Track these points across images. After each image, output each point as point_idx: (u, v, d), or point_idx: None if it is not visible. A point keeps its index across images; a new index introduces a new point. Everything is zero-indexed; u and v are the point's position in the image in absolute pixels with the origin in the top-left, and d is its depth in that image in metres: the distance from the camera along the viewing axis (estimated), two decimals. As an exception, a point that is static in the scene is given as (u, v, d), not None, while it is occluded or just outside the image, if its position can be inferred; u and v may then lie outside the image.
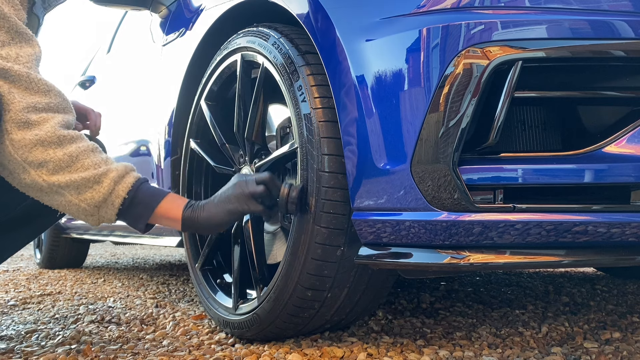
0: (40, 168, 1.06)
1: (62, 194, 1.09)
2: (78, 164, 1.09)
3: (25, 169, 1.07)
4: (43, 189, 1.09)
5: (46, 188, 1.09)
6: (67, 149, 1.08)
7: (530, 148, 0.99)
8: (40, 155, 1.06)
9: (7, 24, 1.09)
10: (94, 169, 1.09)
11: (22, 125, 1.05)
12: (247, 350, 1.23)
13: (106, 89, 2.80)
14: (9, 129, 1.05)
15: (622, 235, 0.92)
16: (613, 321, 1.49)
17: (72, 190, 1.09)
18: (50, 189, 1.09)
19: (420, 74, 0.96)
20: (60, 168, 1.07)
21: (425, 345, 1.25)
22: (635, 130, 0.91)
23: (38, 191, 1.10)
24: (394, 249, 1.04)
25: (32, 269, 3.62)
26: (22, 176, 1.08)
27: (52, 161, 1.07)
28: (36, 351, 1.32)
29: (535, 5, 0.96)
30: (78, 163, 1.09)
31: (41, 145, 1.06)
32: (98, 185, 1.10)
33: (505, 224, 0.93)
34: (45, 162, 1.06)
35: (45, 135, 1.06)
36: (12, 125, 1.05)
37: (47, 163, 1.06)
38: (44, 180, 1.07)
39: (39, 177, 1.07)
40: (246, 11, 1.45)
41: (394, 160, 0.99)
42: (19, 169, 1.07)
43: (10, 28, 1.09)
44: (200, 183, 1.64)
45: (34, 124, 1.06)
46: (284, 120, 1.39)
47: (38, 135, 1.05)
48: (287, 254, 1.16)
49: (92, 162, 1.10)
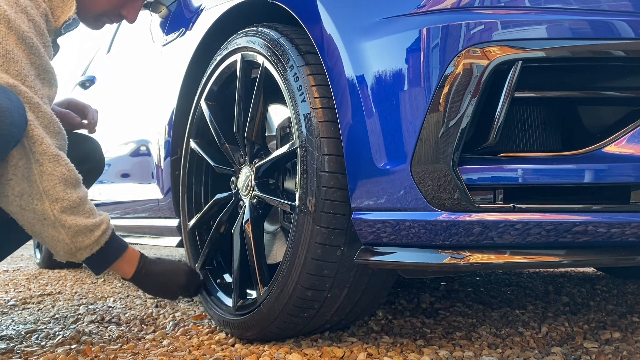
0: (55, 202, 1.17)
1: (59, 230, 1.20)
2: (83, 208, 1.21)
3: (41, 198, 1.16)
4: (46, 220, 1.18)
5: (49, 220, 1.18)
6: (79, 193, 1.20)
7: (530, 148, 0.99)
8: (61, 192, 1.17)
9: (39, 61, 1.19)
10: (92, 218, 1.23)
11: (53, 159, 1.16)
12: (247, 350, 1.23)
13: (106, 89, 2.80)
14: (41, 160, 1.15)
15: (622, 235, 0.92)
16: (613, 321, 1.49)
17: (69, 230, 1.20)
18: (52, 223, 1.19)
19: (420, 74, 0.96)
20: (71, 208, 1.19)
21: (425, 345, 1.25)
22: (635, 130, 0.91)
23: (39, 220, 1.19)
24: (393, 249, 1.04)
25: (32, 269, 3.62)
26: (34, 202, 1.16)
27: (67, 200, 1.18)
28: (36, 351, 1.32)
29: (535, 5, 0.96)
30: (84, 207, 1.22)
31: (64, 183, 1.17)
32: (91, 234, 1.23)
33: (505, 224, 0.93)
34: (62, 199, 1.17)
35: (69, 175, 1.18)
36: (45, 157, 1.15)
37: (63, 200, 1.18)
38: (54, 214, 1.17)
39: (51, 210, 1.17)
40: (246, 11, 1.45)
41: (394, 160, 0.99)
42: (36, 196, 1.16)
43: (40, 65, 1.19)
44: (200, 183, 1.64)
45: (60, 159, 1.17)
46: (284, 120, 1.39)
47: (64, 174, 1.17)
48: (287, 254, 1.16)
49: (90, 210, 1.23)
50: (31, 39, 1.16)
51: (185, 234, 1.63)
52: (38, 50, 1.18)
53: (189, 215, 1.62)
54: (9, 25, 1.13)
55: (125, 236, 2.49)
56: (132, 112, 2.27)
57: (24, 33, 1.15)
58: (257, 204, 1.35)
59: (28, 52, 1.16)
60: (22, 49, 1.15)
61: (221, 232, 1.49)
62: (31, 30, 1.17)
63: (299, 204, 1.14)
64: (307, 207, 1.11)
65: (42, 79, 1.20)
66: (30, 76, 1.16)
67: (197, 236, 1.59)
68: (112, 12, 1.43)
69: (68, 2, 1.30)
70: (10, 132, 1.09)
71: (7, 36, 1.13)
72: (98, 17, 1.43)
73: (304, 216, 1.12)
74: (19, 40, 1.14)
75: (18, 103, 1.12)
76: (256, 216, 1.35)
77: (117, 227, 2.49)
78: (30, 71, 1.17)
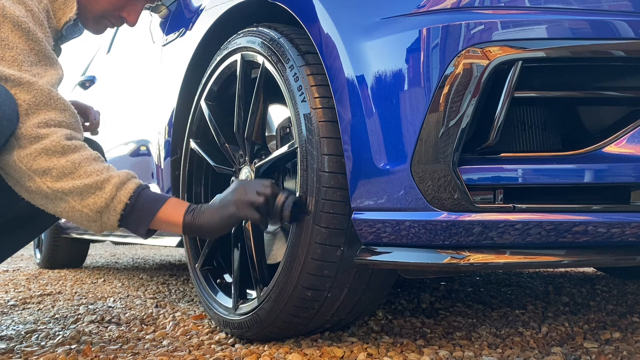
0: (44, 175, 1.11)
1: (66, 200, 1.13)
2: (81, 171, 1.12)
3: (30, 176, 1.11)
4: (48, 196, 1.13)
5: (51, 195, 1.12)
6: (70, 157, 1.12)
7: (530, 148, 0.99)
8: (45, 163, 1.10)
9: (37, 46, 1.17)
10: (96, 175, 1.13)
11: (32, 139, 1.11)
12: (247, 350, 1.23)
13: (106, 89, 2.80)
14: (21, 143, 1.10)
15: (622, 235, 0.92)
16: (613, 321, 1.49)
17: (75, 196, 1.12)
18: (54, 196, 1.12)
19: (420, 74, 0.96)
20: (64, 175, 1.11)
21: (425, 345, 1.25)
22: (635, 130, 0.91)
23: (43, 198, 1.14)
24: (393, 249, 1.04)
25: (32, 269, 3.62)
26: (27, 184, 1.12)
27: (55, 168, 1.11)
28: (36, 351, 1.32)
29: (535, 5, 0.96)
30: (81, 170, 1.12)
31: (45, 154, 1.10)
32: (100, 191, 1.13)
33: (505, 224, 0.93)
34: (49, 169, 1.10)
35: (50, 144, 1.11)
36: (24, 140, 1.10)
37: (50, 170, 1.10)
38: (48, 187, 1.11)
39: (44, 184, 1.11)
40: (246, 11, 1.45)
41: (394, 160, 0.99)
42: (25, 177, 1.11)
43: (39, 51, 1.17)
44: (200, 183, 1.64)
45: (42, 136, 1.11)
46: (284, 120, 1.39)
47: (43, 144, 1.10)
48: (287, 254, 1.16)
49: (94, 169, 1.13)
50: (27, 24, 1.15)
51: (185, 234, 1.63)
52: (35, 36, 1.16)
53: (189, 215, 1.62)
54: (3, 13, 1.13)
55: (125, 236, 2.49)
56: (132, 112, 2.27)
57: (18, 18, 1.13)
58: (257, 204, 1.35)
59: (25, 38, 1.15)
60: (18, 35, 1.14)
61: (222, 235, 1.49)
62: (28, 18, 1.16)
63: (299, 204, 1.14)
64: (307, 207, 1.11)
65: (43, 64, 1.18)
66: (27, 62, 1.14)
67: (197, 236, 1.59)
68: (112, 14, 1.42)
69: (69, 3, 1.30)
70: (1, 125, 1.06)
71: (2, 24, 1.12)
72: (98, 20, 1.42)
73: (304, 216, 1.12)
74: (15, 27, 1.13)
75: (7, 96, 1.09)
76: (256, 216, 1.35)
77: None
78: (28, 57, 1.15)
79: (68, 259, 3.61)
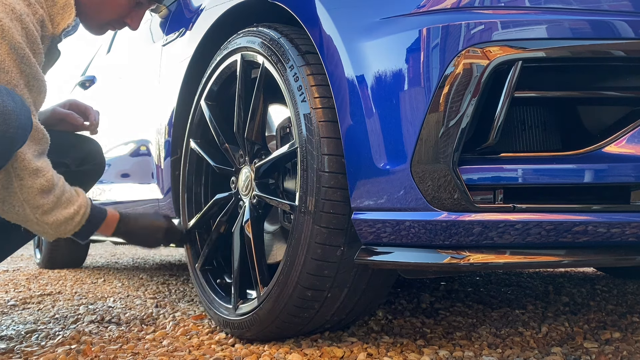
0: (36, 209, 1.24)
1: (44, 227, 1.28)
2: (61, 202, 1.27)
3: (22, 205, 1.23)
4: (29, 221, 1.26)
5: (33, 222, 1.26)
6: (56, 193, 1.26)
7: (530, 148, 0.99)
8: (40, 201, 1.24)
9: (29, 70, 1.20)
10: (71, 206, 1.29)
11: (33, 173, 1.21)
12: (247, 350, 1.23)
13: (106, 89, 2.80)
14: (22, 175, 1.21)
15: (622, 235, 0.92)
16: (613, 321, 1.49)
17: (53, 226, 1.28)
18: (36, 223, 1.26)
19: (420, 74, 0.96)
20: (50, 210, 1.26)
21: (425, 345, 1.25)
22: (635, 130, 0.91)
23: (23, 220, 1.27)
24: (393, 249, 1.04)
25: (32, 269, 3.62)
26: (16, 209, 1.23)
27: (46, 204, 1.24)
28: (36, 351, 1.32)
29: (535, 5, 0.96)
30: (61, 201, 1.27)
31: (42, 192, 1.23)
32: (72, 221, 1.30)
33: (505, 224, 0.93)
34: (41, 205, 1.24)
35: (47, 184, 1.23)
36: (25, 172, 1.21)
37: (42, 206, 1.24)
38: (37, 218, 1.25)
39: (33, 215, 1.24)
40: (246, 11, 1.45)
41: (394, 160, 0.99)
42: (17, 204, 1.23)
43: (30, 74, 1.22)
44: (200, 183, 1.64)
45: (39, 172, 1.23)
46: (284, 120, 1.39)
47: (42, 186, 1.23)
48: (287, 254, 1.16)
49: (67, 198, 1.29)
50: (23, 49, 1.17)
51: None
52: (29, 60, 1.19)
53: (189, 215, 1.62)
54: (2, 34, 1.14)
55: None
56: (132, 112, 2.27)
57: (16, 43, 1.16)
58: (257, 204, 1.35)
59: (19, 62, 1.17)
60: (12, 58, 1.16)
61: (221, 232, 1.49)
62: (23, 40, 1.18)
63: (299, 204, 1.14)
64: (307, 207, 1.11)
65: (30, 86, 1.21)
66: (20, 85, 1.18)
67: (197, 236, 1.59)
68: (116, 21, 1.47)
69: (68, 10, 1.31)
70: (17, 134, 1.11)
71: (0, 45, 1.14)
72: (102, 26, 1.48)
73: (303, 216, 1.12)
74: (11, 50, 1.15)
75: (23, 105, 1.13)
76: (256, 216, 1.35)
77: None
78: (20, 80, 1.18)
79: (68, 259, 3.61)
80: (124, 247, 6.51)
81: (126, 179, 2.32)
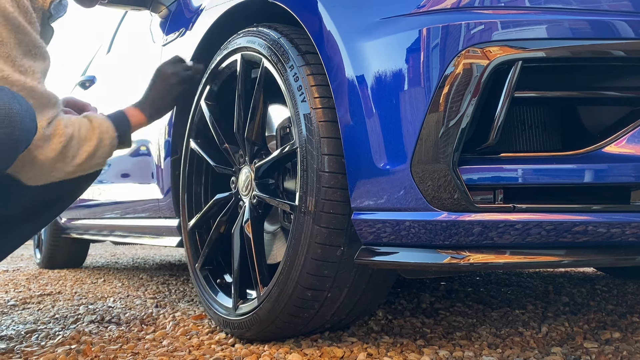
0: (66, 166, 1.31)
1: (90, 164, 1.36)
2: (82, 143, 1.33)
3: (52, 166, 1.29)
4: (73, 173, 1.34)
5: (74, 169, 1.33)
6: (73, 143, 1.30)
7: (530, 148, 0.99)
8: (60, 155, 1.29)
9: (26, 38, 1.20)
10: (91, 136, 1.35)
11: (46, 140, 1.25)
12: (247, 350, 1.23)
13: (106, 88, 2.80)
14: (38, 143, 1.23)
15: (622, 235, 0.92)
16: (613, 321, 1.49)
17: (90, 156, 1.35)
18: (73, 172, 1.33)
19: (420, 74, 0.96)
20: (75, 155, 1.32)
21: (425, 345, 1.25)
22: (635, 130, 0.91)
23: (68, 175, 1.34)
24: (393, 249, 1.04)
25: (32, 269, 3.62)
26: (53, 174, 1.30)
27: (78, 159, 1.32)
28: (36, 351, 1.32)
29: (535, 5, 0.96)
30: (82, 143, 1.33)
31: (60, 151, 1.28)
32: (102, 145, 1.37)
33: (505, 224, 0.93)
34: (69, 164, 1.31)
35: (59, 143, 1.28)
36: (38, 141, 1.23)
37: (65, 158, 1.30)
38: (65, 172, 1.31)
39: (66, 167, 1.31)
40: (246, 11, 1.45)
41: (394, 160, 0.99)
42: (50, 171, 1.29)
43: (29, 42, 1.21)
44: (200, 183, 1.64)
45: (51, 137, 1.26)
46: (284, 120, 1.39)
47: (55, 144, 1.27)
48: (287, 254, 1.16)
49: (85, 133, 1.33)
50: (16, 18, 1.17)
51: (185, 234, 1.63)
52: (24, 29, 1.19)
53: (189, 215, 1.62)
54: None
55: (125, 236, 2.50)
56: (132, 112, 2.27)
57: (8, 14, 1.16)
58: (257, 204, 1.35)
59: (15, 32, 1.17)
60: (8, 29, 1.16)
61: (221, 232, 1.49)
62: (15, 9, 1.18)
63: (299, 204, 1.14)
64: (307, 207, 1.11)
65: (33, 54, 1.22)
66: (19, 56, 1.18)
67: (197, 236, 1.59)
68: None
69: None
70: (21, 137, 1.12)
71: None
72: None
73: (303, 216, 1.12)
74: (5, 22, 1.16)
75: (28, 107, 1.14)
76: (256, 216, 1.35)
77: (117, 227, 2.49)
78: (19, 51, 1.18)
79: (68, 259, 3.61)
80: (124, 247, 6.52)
81: (126, 179, 2.33)
